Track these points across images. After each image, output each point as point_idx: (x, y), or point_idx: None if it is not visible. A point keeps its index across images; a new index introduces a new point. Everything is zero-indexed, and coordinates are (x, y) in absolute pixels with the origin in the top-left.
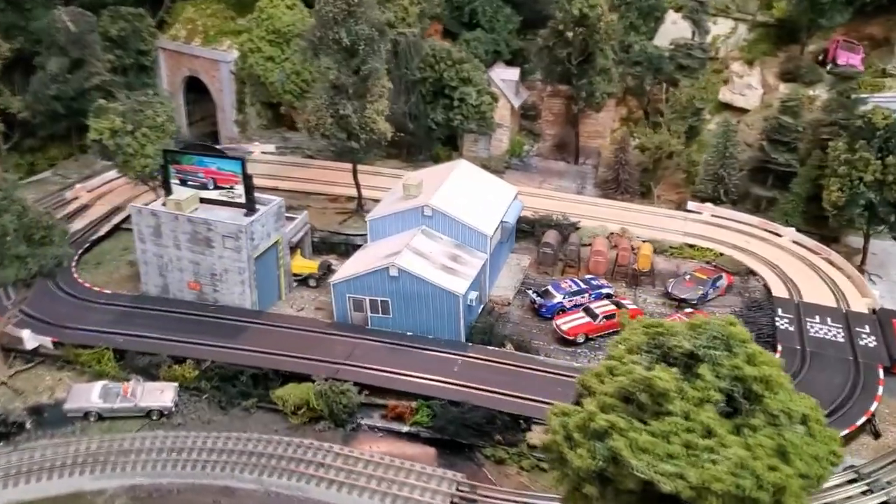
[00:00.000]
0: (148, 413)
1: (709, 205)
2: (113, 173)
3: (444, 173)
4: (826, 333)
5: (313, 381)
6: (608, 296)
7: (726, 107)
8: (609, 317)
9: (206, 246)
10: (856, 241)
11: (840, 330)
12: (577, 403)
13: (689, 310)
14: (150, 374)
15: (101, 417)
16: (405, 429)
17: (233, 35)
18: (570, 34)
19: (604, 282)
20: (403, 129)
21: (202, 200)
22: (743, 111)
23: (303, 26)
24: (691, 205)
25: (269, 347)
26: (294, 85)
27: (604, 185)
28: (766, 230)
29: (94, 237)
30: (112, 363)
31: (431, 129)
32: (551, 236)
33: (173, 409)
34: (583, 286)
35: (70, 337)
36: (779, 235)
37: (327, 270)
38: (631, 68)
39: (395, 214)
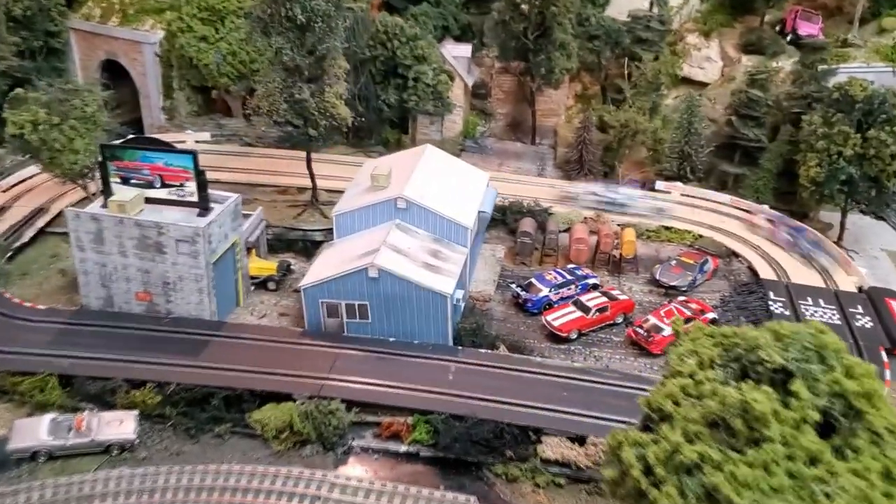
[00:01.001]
0: (107, 448)
1: (678, 184)
2: (31, 170)
3: (411, 161)
4: (822, 316)
5: (295, 401)
6: (595, 286)
7: (684, 81)
8: (602, 310)
9: (156, 252)
10: (827, 216)
11: (835, 311)
12: (646, 429)
13: (682, 298)
14: (104, 402)
15: (52, 457)
16: (403, 448)
17: (156, 13)
18: (525, 6)
19: (588, 271)
20: (353, 112)
21: (148, 200)
22: (702, 85)
23: (239, 3)
24: (659, 184)
25: (240, 363)
26: (231, 67)
27: (565, 165)
28: (738, 208)
29: (17, 244)
30: (58, 391)
31: (382, 111)
32: (528, 224)
33: (136, 441)
34: (568, 277)
35: (3, 363)
36: (751, 213)
37: (287, 271)
38: (588, 42)
39: (366, 208)
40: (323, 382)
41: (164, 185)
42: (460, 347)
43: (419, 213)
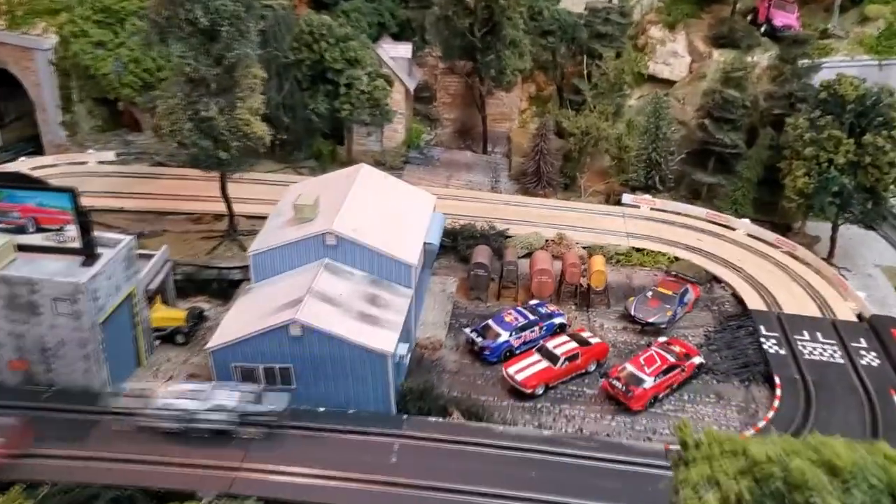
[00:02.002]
0: None
1: (647, 196)
2: None
3: (342, 185)
4: (822, 354)
5: (200, 500)
6: (562, 327)
7: (648, 79)
8: (571, 357)
9: (30, 313)
10: (813, 227)
11: (835, 347)
12: None
13: (662, 339)
14: None
15: None
16: None
17: (48, 15)
18: (471, 0)
19: (553, 308)
20: (277, 124)
21: (21, 248)
22: (668, 83)
23: (141, 2)
24: (627, 197)
25: (134, 451)
26: (134, 76)
27: (522, 177)
28: (714, 223)
29: None
30: None
31: (311, 121)
32: (482, 254)
33: None
34: (531, 317)
35: None
36: (731, 228)
37: (198, 319)
38: (541, 38)
39: (288, 246)
40: (234, 475)
41: (39, 230)
42: (405, 416)
43: (352, 251)
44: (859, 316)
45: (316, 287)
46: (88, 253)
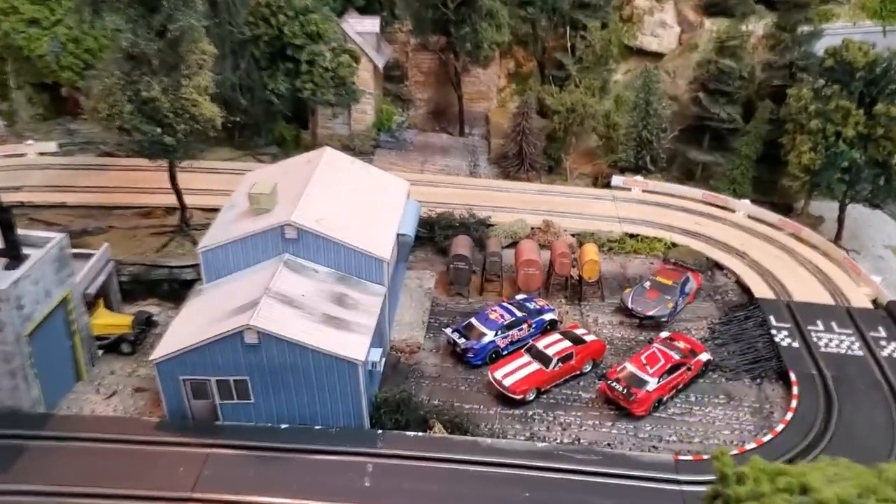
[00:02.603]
0: None
1: (638, 178)
2: None
3: (303, 171)
4: (839, 346)
5: None
6: (553, 323)
7: (635, 53)
8: (565, 358)
9: None
10: (816, 208)
11: (853, 338)
12: None
13: (664, 334)
14: None
15: None
16: None
17: None
18: None
19: (543, 302)
20: (234, 107)
21: None
22: (657, 56)
23: None
24: (616, 179)
25: (67, 481)
26: (74, 57)
27: (502, 160)
28: (712, 204)
29: None
30: None
31: (272, 103)
32: (462, 245)
33: None
34: (518, 314)
35: None
36: (731, 210)
37: (147, 325)
38: (520, 9)
39: (243, 241)
40: None
41: None
42: (380, 432)
43: (316, 245)
44: (875, 302)
45: (274, 287)
46: (13, 255)
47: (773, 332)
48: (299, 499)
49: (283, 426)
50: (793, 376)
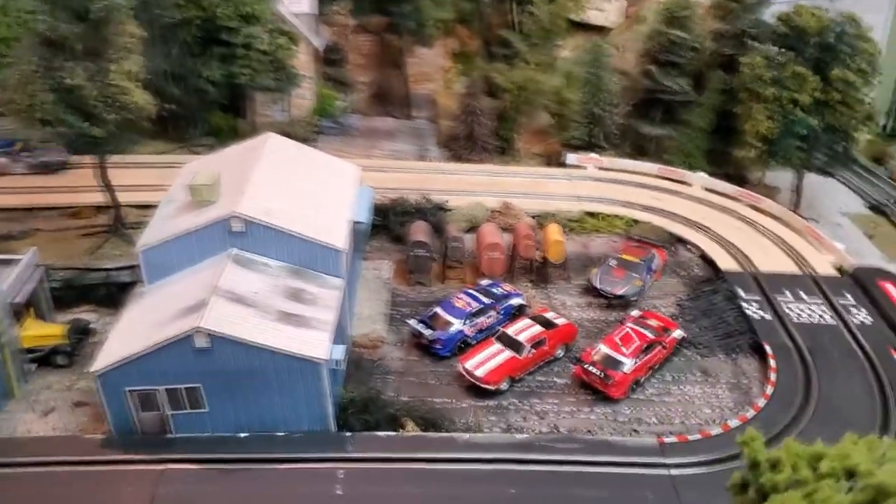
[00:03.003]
0: None
1: (593, 155)
2: None
3: (247, 159)
4: (810, 315)
5: None
6: (521, 308)
7: (579, 28)
8: (538, 343)
9: None
10: (770, 178)
11: (823, 307)
12: None
13: (635, 313)
14: None
15: None
16: None
17: None
18: None
19: (509, 287)
20: (165, 96)
21: None
22: (602, 31)
23: None
24: (571, 157)
25: None
26: None
27: (452, 143)
28: (669, 179)
29: None
30: None
31: (206, 91)
32: (421, 231)
33: None
34: (485, 300)
35: None
36: (687, 184)
37: (83, 334)
38: None
39: (185, 236)
40: None
41: None
42: (349, 434)
43: (266, 237)
44: (839, 269)
45: (223, 285)
46: None
47: (743, 304)
48: None
49: (243, 435)
50: (768, 349)
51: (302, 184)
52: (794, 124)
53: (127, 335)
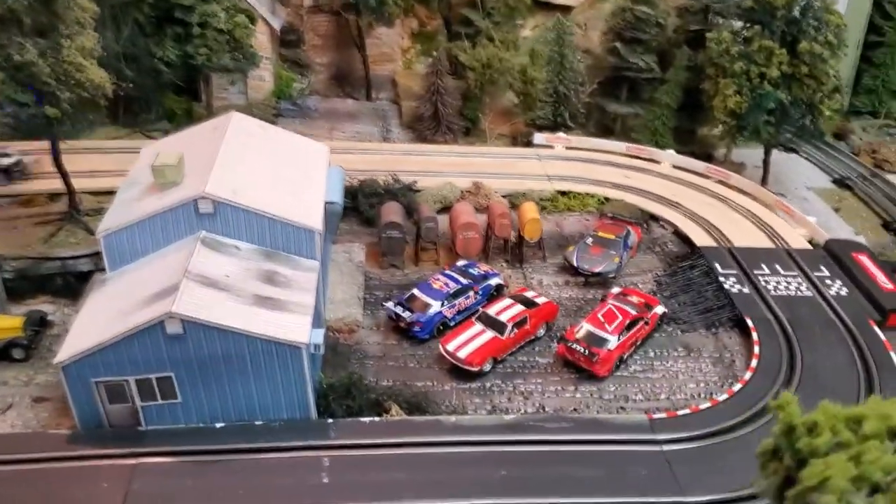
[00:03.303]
0: None
1: (560, 134)
2: None
3: (210, 139)
4: (788, 288)
5: None
6: (500, 288)
7: (541, 6)
8: (520, 323)
9: None
10: (738, 155)
11: (799, 280)
12: None
13: (616, 290)
14: None
15: None
16: None
17: None
18: None
19: (486, 267)
20: (117, 78)
21: None
22: (565, 9)
23: None
24: (538, 137)
25: None
26: None
27: (417, 123)
28: (637, 157)
29: None
30: None
31: (160, 73)
32: (394, 211)
33: None
34: (463, 281)
35: None
36: (656, 162)
37: (40, 326)
38: None
39: (150, 219)
40: None
41: None
42: (331, 420)
43: (236, 218)
44: (811, 242)
45: (193, 269)
46: None
47: (721, 279)
48: None
49: (220, 425)
50: (750, 322)
51: (271, 163)
52: (763, 98)
53: (91, 324)
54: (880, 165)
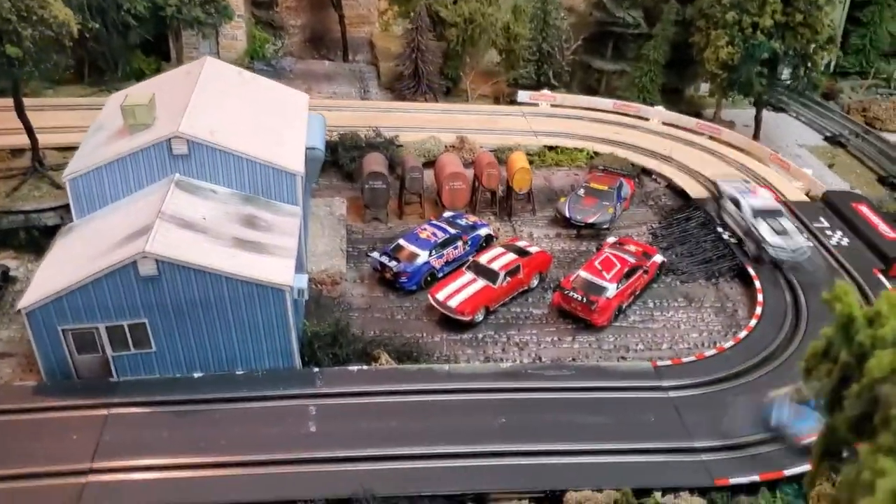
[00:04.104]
0: None
1: (546, 92)
2: None
3: (184, 83)
4: None
5: None
6: (489, 239)
7: None
8: (512, 272)
9: None
10: (727, 114)
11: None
12: None
13: (612, 239)
14: None
15: None
16: None
17: None
18: None
19: (474, 218)
20: (82, 34)
21: None
22: None
23: None
24: (522, 95)
25: None
26: None
27: (396, 83)
28: (624, 114)
29: None
30: None
31: (128, 27)
32: (377, 162)
33: None
34: (451, 231)
35: None
36: (644, 119)
37: (2, 282)
38: None
39: (120, 161)
40: (85, 480)
41: None
42: (316, 369)
43: (213, 160)
44: (807, 194)
45: (167, 210)
46: None
47: (720, 230)
48: (232, 455)
49: (198, 375)
50: (751, 271)
51: (248, 107)
52: (756, 49)
53: (58, 271)
54: (871, 124)
